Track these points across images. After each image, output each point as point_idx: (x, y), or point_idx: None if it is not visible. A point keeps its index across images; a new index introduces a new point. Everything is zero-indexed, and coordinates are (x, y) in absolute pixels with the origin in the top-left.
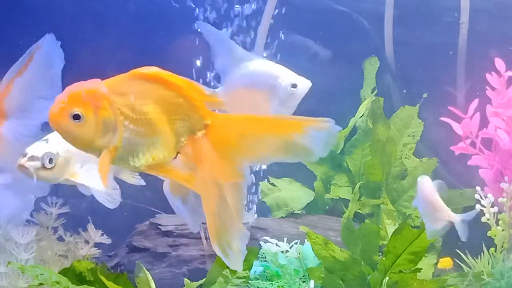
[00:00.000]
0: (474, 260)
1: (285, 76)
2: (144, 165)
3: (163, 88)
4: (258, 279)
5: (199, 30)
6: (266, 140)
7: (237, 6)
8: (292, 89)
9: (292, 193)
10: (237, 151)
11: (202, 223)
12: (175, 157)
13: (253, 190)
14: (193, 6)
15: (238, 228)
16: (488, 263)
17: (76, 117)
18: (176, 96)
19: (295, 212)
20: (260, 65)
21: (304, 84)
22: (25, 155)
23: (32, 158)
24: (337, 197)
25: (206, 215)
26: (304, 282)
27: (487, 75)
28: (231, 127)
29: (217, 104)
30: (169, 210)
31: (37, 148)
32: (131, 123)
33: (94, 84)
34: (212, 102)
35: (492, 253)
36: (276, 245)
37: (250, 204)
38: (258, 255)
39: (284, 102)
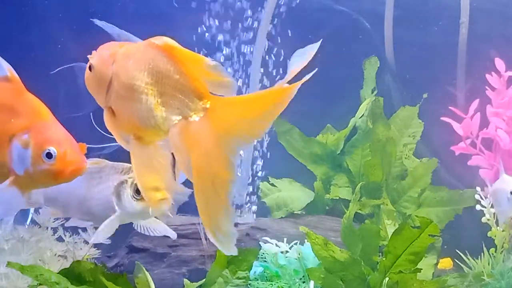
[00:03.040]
0: (474, 260)
1: None
2: (134, 135)
3: (164, 60)
4: (258, 280)
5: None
6: (267, 115)
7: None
8: None
9: (292, 194)
10: (237, 136)
11: (202, 223)
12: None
13: (253, 190)
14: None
15: (229, 212)
16: (488, 264)
17: (90, 67)
18: (174, 71)
19: (295, 212)
20: None
21: None
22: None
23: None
24: (337, 198)
25: (198, 202)
26: (304, 282)
27: (487, 75)
28: (233, 110)
29: (224, 85)
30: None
31: None
32: (118, 85)
33: (115, 43)
34: (218, 82)
35: (492, 254)
36: (276, 245)
37: (249, 204)
38: (258, 256)
39: None
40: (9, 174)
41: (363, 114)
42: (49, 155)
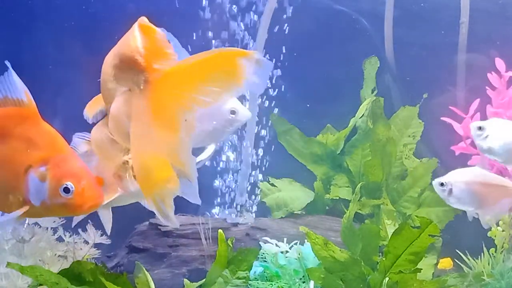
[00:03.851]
0: (474, 260)
1: (228, 102)
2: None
3: (126, 37)
4: (258, 280)
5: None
6: (209, 82)
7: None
8: (231, 115)
9: (292, 194)
10: (178, 104)
11: (202, 223)
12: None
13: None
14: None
15: (174, 184)
16: (488, 264)
17: None
18: (127, 47)
19: (295, 212)
20: None
21: (243, 114)
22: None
23: None
24: (337, 198)
25: (136, 168)
26: (304, 282)
27: (488, 75)
28: (172, 82)
29: (166, 57)
30: None
31: None
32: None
33: None
34: (163, 54)
35: (492, 254)
36: (276, 245)
37: (249, 204)
38: (258, 256)
39: (222, 127)
40: (24, 203)
41: (363, 114)
42: (66, 190)
